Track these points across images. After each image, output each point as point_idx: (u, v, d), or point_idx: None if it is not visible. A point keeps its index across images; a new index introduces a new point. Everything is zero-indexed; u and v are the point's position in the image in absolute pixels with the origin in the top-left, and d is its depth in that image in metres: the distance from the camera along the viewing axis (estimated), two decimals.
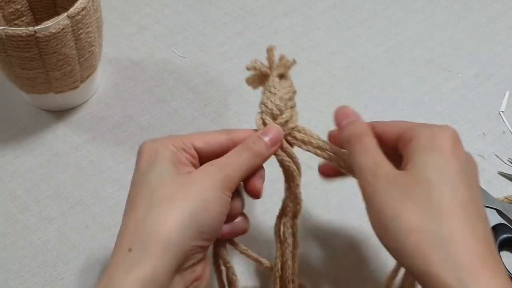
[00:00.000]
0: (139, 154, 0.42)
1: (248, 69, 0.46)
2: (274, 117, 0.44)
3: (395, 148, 0.41)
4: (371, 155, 0.40)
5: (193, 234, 0.38)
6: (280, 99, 0.44)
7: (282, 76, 0.46)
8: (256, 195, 0.43)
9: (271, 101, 0.44)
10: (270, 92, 0.45)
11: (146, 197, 0.39)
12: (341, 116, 0.43)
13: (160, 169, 0.40)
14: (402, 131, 0.40)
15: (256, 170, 0.43)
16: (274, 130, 0.44)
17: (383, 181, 0.38)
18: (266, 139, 0.43)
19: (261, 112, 0.45)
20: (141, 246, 0.37)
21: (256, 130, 0.44)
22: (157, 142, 0.42)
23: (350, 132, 0.42)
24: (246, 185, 0.43)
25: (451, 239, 0.34)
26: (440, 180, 0.36)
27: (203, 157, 0.43)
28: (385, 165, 0.39)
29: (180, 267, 0.38)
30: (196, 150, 0.43)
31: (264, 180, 0.44)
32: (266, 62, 0.46)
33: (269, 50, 0.46)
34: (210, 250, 0.43)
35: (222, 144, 0.43)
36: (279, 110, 0.44)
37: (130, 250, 0.37)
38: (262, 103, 0.45)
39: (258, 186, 0.43)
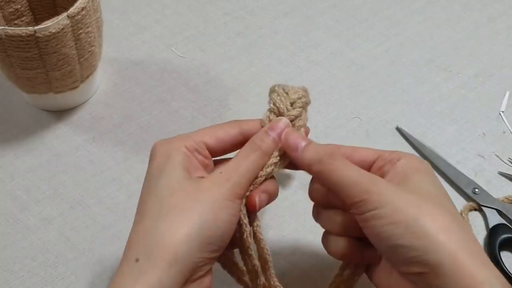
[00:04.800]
0: (151, 157, 0.41)
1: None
2: (281, 114, 0.44)
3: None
4: (357, 168, 0.40)
5: (201, 246, 0.37)
6: (289, 99, 0.44)
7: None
8: (251, 206, 0.41)
9: (281, 100, 0.44)
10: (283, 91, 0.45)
11: (155, 206, 0.39)
12: (294, 140, 0.42)
13: (170, 175, 0.39)
14: (378, 154, 0.42)
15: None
16: (281, 123, 0.43)
17: (389, 188, 0.38)
18: (274, 134, 0.42)
19: (269, 110, 0.44)
20: (148, 257, 0.36)
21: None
22: (170, 144, 0.41)
23: (317, 152, 0.41)
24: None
25: (470, 240, 0.37)
26: (440, 193, 0.40)
27: (216, 153, 0.43)
28: (378, 176, 0.40)
29: (187, 280, 0.37)
30: (208, 148, 0.42)
31: (271, 196, 0.42)
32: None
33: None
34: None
35: (234, 141, 0.43)
36: (286, 108, 0.44)
37: (137, 260, 0.37)
38: (272, 101, 0.45)
39: (253, 199, 0.41)
